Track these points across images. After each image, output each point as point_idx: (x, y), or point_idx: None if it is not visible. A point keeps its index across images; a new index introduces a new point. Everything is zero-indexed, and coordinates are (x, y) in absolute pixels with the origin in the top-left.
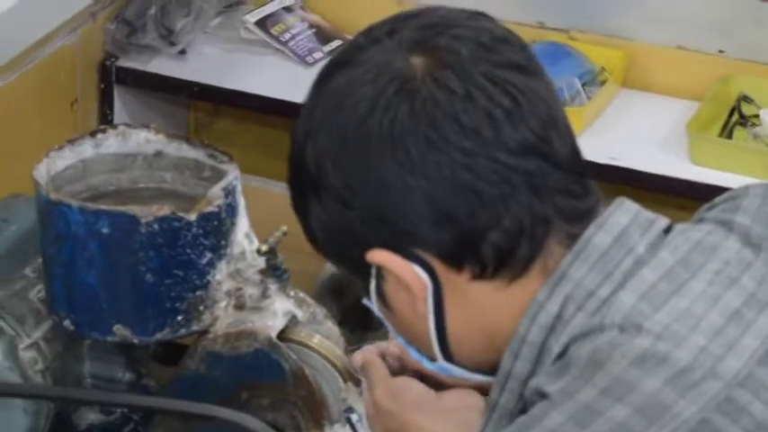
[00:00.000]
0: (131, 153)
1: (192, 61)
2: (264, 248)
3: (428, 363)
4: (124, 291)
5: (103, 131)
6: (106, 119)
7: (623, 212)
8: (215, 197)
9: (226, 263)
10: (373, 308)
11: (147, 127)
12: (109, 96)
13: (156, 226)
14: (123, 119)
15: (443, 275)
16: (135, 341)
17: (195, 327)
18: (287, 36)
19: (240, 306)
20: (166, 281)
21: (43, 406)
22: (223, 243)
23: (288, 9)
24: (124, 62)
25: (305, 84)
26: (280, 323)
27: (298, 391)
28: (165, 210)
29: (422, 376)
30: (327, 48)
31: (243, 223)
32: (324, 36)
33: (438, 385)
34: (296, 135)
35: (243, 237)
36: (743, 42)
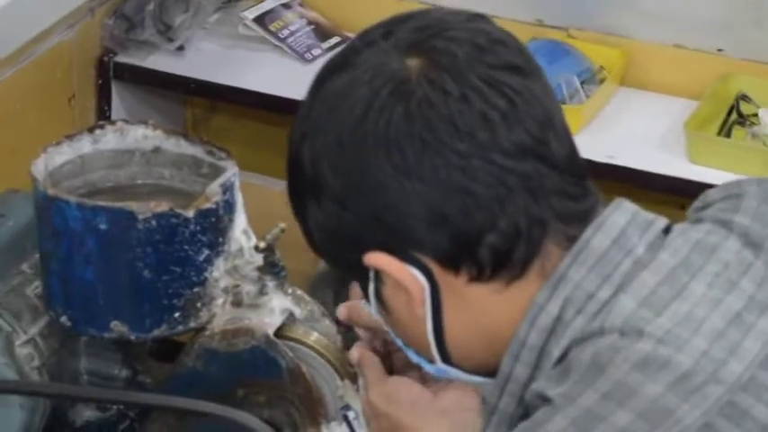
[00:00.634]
0: (129, 149)
1: (191, 57)
2: (262, 245)
3: (427, 365)
4: (121, 287)
5: (102, 127)
6: (104, 115)
7: (621, 213)
8: (213, 194)
9: (223, 260)
10: (372, 310)
11: (146, 123)
12: (106, 92)
13: (154, 222)
14: (121, 115)
15: (441, 278)
16: (132, 338)
17: (192, 323)
18: (285, 32)
19: (237, 303)
20: (164, 277)
21: (39, 402)
22: (221, 240)
23: (286, 5)
24: (122, 58)
25: (303, 80)
26: (277, 320)
27: (294, 389)
28: (163, 206)
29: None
30: (326, 44)
31: (240, 220)
32: (322, 33)
33: (439, 382)
34: (293, 138)
35: (240, 233)
36: (742, 41)
